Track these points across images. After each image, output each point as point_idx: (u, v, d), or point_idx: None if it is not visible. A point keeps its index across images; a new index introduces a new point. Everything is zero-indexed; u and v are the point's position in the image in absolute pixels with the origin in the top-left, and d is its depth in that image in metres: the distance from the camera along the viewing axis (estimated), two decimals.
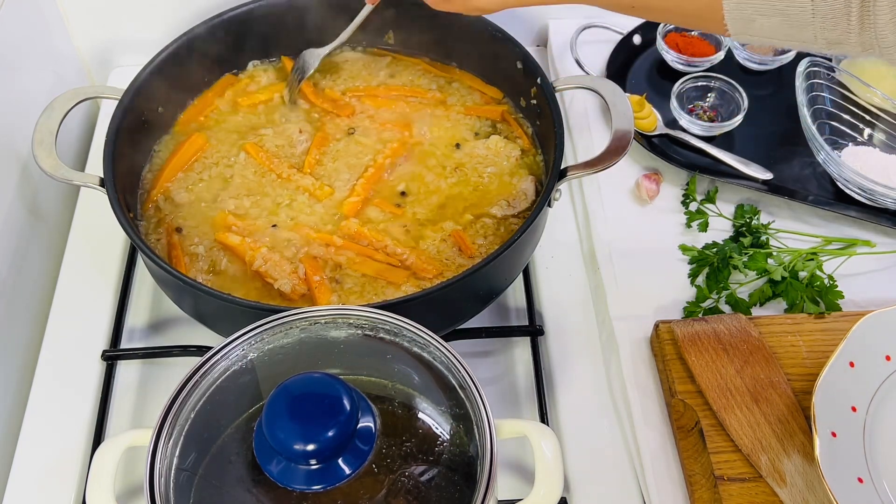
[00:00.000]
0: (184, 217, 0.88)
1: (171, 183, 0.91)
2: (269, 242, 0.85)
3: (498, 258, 0.76)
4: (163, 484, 0.58)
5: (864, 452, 0.73)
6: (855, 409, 0.75)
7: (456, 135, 0.96)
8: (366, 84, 1.01)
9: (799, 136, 0.98)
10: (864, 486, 0.71)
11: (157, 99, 0.92)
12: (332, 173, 0.92)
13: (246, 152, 0.93)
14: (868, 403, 0.76)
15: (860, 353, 0.77)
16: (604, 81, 0.87)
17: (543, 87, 0.89)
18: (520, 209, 0.89)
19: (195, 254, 0.85)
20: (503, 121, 0.97)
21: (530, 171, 0.93)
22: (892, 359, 0.78)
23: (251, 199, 0.89)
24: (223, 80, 1.00)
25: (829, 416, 0.73)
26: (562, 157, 0.83)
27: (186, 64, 0.94)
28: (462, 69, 1.02)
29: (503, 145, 0.94)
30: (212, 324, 0.82)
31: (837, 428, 0.73)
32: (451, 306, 0.81)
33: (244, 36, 0.98)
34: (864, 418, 0.75)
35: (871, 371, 0.77)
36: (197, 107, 0.97)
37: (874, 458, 0.74)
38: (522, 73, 0.93)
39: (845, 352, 0.77)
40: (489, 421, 0.59)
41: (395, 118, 0.97)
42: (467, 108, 0.99)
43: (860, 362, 0.77)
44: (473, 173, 0.92)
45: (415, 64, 1.03)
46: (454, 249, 0.86)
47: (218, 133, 0.95)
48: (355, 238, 0.86)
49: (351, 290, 0.82)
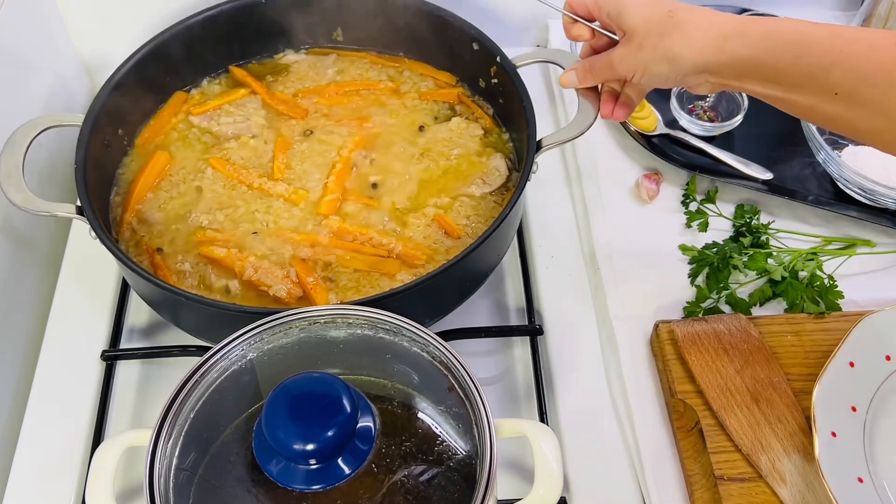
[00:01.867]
0: (161, 237, 0.87)
1: (142, 204, 0.89)
2: (255, 250, 0.84)
3: (493, 234, 0.76)
4: (162, 484, 0.58)
5: (864, 452, 0.73)
6: (855, 409, 0.75)
7: (416, 120, 0.96)
8: (315, 84, 1.00)
9: (799, 135, 0.98)
10: (864, 485, 0.71)
11: (115, 121, 0.91)
12: (303, 175, 0.91)
13: (212, 167, 0.92)
14: (868, 403, 0.76)
15: (860, 353, 0.77)
16: (563, 53, 0.87)
17: (504, 64, 0.89)
18: (496, 186, 0.90)
19: (182, 271, 0.84)
20: (460, 103, 0.98)
21: (496, 148, 0.93)
22: (893, 359, 0.78)
23: (224, 212, 0.88)
24: (175, 97, 0.98)
25: (829, 416, 0.73)
26: (535, 130, 0.83)
27: (139, 84, 0.92)
28: (410, 58, 1.02)
29: (465, 126, 0.94)
30: (211, 337, 0.81)
31: (837, 428, 0.73)
32: (451, 288, 0.81)
33: (191, 50, 0.97)
34: (864, 418, 0.75)
35: (871, 371, 0.77)
36: (153, 126, 0.96)
37: (874, 458, 0.74)
38: (480, 53, 0.92)
39: (845, 352, 0.77)
40: (489, 421, 0.59)
41: (351, 113, 0.97)
42: (422, 94, 0.99)
43: (860, 362, 0.77)
44: (441, 157, 0.92)
45: (361, 58, 1.03)
46: (440, 233, 0.86)
47: (181, 150, 0.94)
48: (339, 235, 0.86)
49: (346, 286, 0.82)
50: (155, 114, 0.97)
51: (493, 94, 0.95)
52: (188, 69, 0.99)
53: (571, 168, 1.02)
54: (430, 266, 0.83)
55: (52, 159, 1.01)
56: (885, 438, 0.75)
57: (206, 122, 0.96)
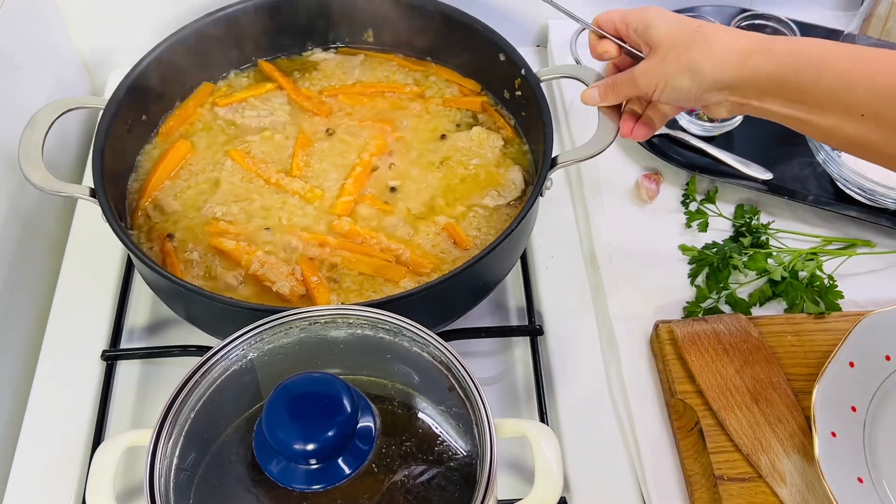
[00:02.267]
0: (175, 224, 0.87)
1: (159, 191, 0.90)
2: (264, 245, 0.85)
3: (496, 248, 0.76)
4: (163, 484, 0.58)
5: (864, 452, 0.73)
6: (855, 408, 0.75)
7: (438, 127, 0.96)
8: (341, 83, 1.00)
9: (799, 135, 0.97)
10: (864, 485, 0.71)
11: (140, 107, 0.91)
12: (321, 174, 0.91)
13: (231, 159, 0.92)
14: (868, 403, 0.76)
15: (860, 353, 0.78)
16: (587, 69, 0.87)
17: (528, 77, 0.89)
18: (510, 199, 0.90)
19: (190, 260, 0.84)
20: (483, 111, 0.98)
21: (515, 161, 0.93)
22: (893, 359, 0.78)
23: (239, 205, 0.88)
24: (203, 87, 0.99)
25: (829, 415, 0.74)
26: (552, 146, 0.83)
27: (166, 71, 0.93)
28: (437, 63, 1.02)
29: (486, 136, 0.94)
30: (211, 329, 0.82)
31: (837, 428, 0.73)
32: (451, 299, 0.81)
33: (223, 42, 0.97)
34: (864, 418, 0.75)
35: (871, 371, 0.77)
36: (178, 115, 0.96)
37: (874, 457, 0.74)
38: (506, 65, 0.93)
39: (845, 352, 0.77)
40: (489, 421, 0.59)
41: (375, 115, 0.97)
42: (446, 101, 0.99)
43: (860, 362, 0.77)
44: (460, 165, 0.92)
45: (388, 60, 1.03)
46: (449, 242, 0.86)
47: (203, 140, 0.95)
48: (349, 236, 0.86)
49: (349, 288, 0.82)
50: (181, 103, 0.97)
51: (516, 106, 0.95)
52: (217, 60, 0.99)
53: (571, 168, 1.02)
54: (434, 275, 0.83)
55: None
56: (885, 438, 0.75)
57: (231, 114, 0.97)
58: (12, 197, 0.93)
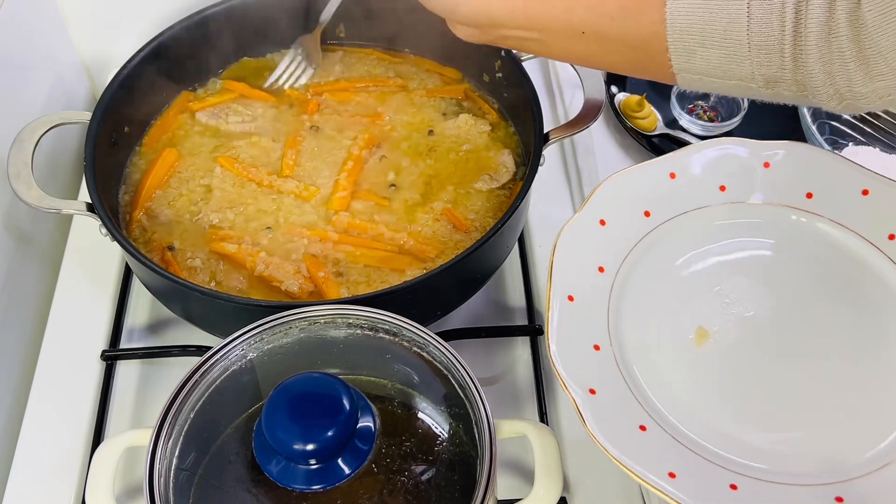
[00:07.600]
0: (172, 233, 0.87)
1: (151, 201, 0.89)
2: (266, 246, 0.85)
3: (500, 228, 0.77)
4: (162, 484, 0.58)
5: (606, 317, 0.68)
6: (603, 269, 0.70)
7: (425, 117, 0.97)
8: (324, 81, 1.01)
9: (799, 136, 0.98)
10: (600, 353, 0.66)
11: (122, 118, 0.91)
12: (313, 172, 0.91)
13: (221, 166, 0.92)
14: (619, 265, 0.70)
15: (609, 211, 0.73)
16: None
17: (509, 58, 0.91)
18: (503, 181, 0.90)
19: (193, 267, 0.84)
20: (467, 98, 0.99)
21: (504, 144, 0.94)
22: (652, 215, 0.73)
23: (234, 210, 0.88)
24: (182, 96, 0.98)
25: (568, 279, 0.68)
26: (542, 122, 0.84)
27: (145, 81, 0.93)
28: (416, 55, 1.03)
29: (473, 122, 0.95)
30: (212, 328, 0.82)
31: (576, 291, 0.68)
32: (457, 284, 0.81)
33: (196, 49, 0.97)
34: (611, 281, 0.70)
35: (625, 230, 0.72)
36: (160, 124, 0.96)
37: (619, 323, 0.68)
38: (484, 48, 0.93)
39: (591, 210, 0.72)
40: (489, 421, 0.59)
41: (361, 109, 0.97)
42: (429, 91, 0.99)
43: (612, 220, 0.72)
44: (451, 152, 0.93)
45: (367, 55, 1.03)
46: (449, 227, 0.86)
47: (189, 147, 0.94)
48: (349, 230, 0.86)
49: (357, 281, 0.82)
50: (162, 112, 0.97)
51: (498, 88, 0.96)
52: (194, 67, 0.99)
53: (571, 168, 1.01)
54: (440, 260, 0.84)
55: (54, 159, 1.01)
56: (631, 302, 0.69)
57: (214, 121, 0.96)
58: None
